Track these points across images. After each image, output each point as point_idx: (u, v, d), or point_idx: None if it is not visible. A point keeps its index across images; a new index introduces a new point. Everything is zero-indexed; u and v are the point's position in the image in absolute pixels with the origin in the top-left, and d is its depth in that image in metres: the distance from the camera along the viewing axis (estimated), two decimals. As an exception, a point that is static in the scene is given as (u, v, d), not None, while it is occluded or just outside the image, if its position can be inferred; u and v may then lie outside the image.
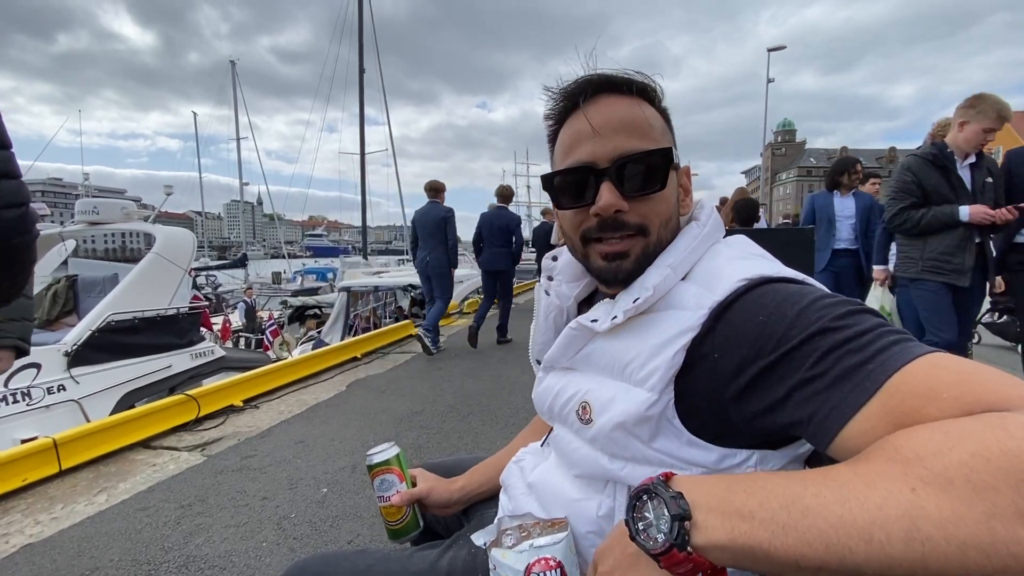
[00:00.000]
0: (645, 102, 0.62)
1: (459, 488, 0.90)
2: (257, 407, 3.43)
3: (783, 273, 0.54)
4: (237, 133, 26.34)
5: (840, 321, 0.45)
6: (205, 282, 16.73)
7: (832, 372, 0.42)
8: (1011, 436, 0.31)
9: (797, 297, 0.49)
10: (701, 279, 0.57)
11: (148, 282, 4.67)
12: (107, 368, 4.14)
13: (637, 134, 0.60)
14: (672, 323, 0.55)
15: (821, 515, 0.34)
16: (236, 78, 25.40)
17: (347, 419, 3.18)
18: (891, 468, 0.33)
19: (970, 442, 0.31)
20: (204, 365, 5.08)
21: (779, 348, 0.46)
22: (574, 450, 0.63)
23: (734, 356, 0.50)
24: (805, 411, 0.44)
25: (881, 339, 0.42)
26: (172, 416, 2.99)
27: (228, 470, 2.44)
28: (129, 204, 5.32)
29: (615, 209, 0.59)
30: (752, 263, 0.56)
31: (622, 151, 0.59)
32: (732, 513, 0.38)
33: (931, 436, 0.34)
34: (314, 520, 1.97)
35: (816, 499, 0.35)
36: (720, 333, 0.51)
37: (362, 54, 15.52)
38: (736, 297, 0.52)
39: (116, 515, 2.04)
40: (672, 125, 0.67)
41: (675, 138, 0.66)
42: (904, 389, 0.38)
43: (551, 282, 0.77)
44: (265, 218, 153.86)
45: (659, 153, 0.59)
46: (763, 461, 0.54)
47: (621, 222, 0.60)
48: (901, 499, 0.31)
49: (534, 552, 0.56)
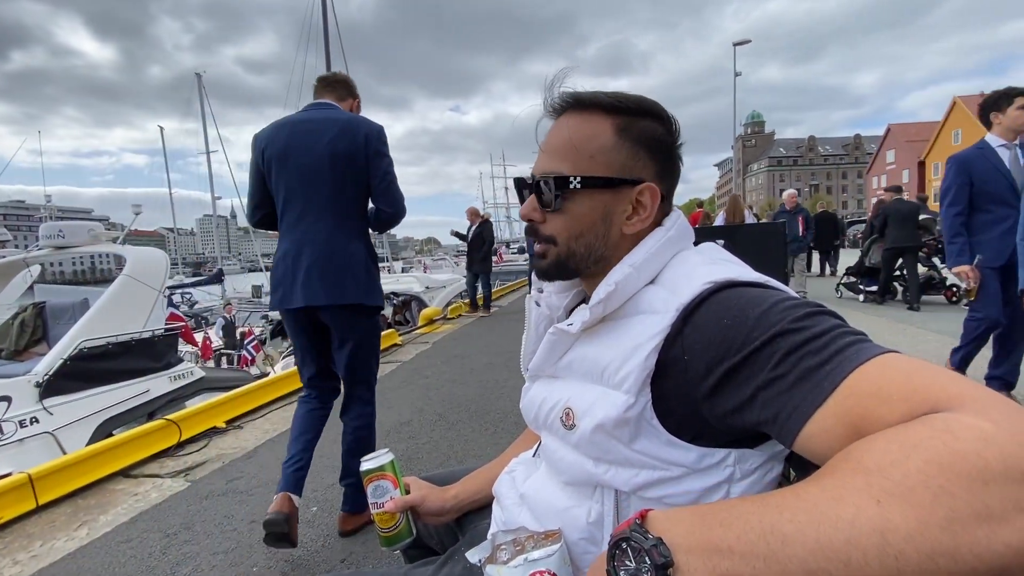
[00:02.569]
0: (603, 119, 0.65)
1: (453, 496, 0.90)
2: (241, 427, 3.37)
3: (747, 277, 0.56)
4: (207, 146, 25.78)
5: (800, 323, 0.47)
6: (181, 300, 16.33)
7: (793, 373, 0.45)
8: (957, 439, 0.32)
9: (759, 300, 0.51)
10: (669, 283, 0.60)
11: (120, 305, 4.54)
12: (81, 397, 4.01)
13: (560, 156, 0.66)
14: (643, 327, 0.57)
15: (799, 542, 0.34)
16: (203, 90, 24.88)
17: (335, 435, 3.12)
18: (855, 480, 0.35)
19: (923, 450, 0.33)
20: (184, 387, 4.95)
21: (743, 349, 0.48)
22: (560, 457, 0.64)
23: (703, 357, 0.52)
24: (770, 411, 0.46)
25: (838, 340, 0.45)
26: (152, 442, 2.92)
27: (214, 494, 2.39)
28: (96, 225, 5.16)
29: (528, 218, 0.69)
30: (718, 267, 0.58)
31: (542, 170, 0.67)
32: (712, 551, 0.38)
33: (887, 447, 0.35)
34: (305, 541, 1.94)
35: (792, 525, 0.35)
36: (688, 335, 0.54)
37: (329, 62, 15.36)
38: (702, 300, 0.54)
39: (98, 549, 1.98)
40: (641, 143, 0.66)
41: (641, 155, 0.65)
42: (858, 390, 0.41)
43: (541, 294, 0.79)
44: (240, 231, 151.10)
45: (562, 179, 0.65)
46: (741, 459, 0.56)
47: (535, 229, 0.70)
48: (869, 513, 0.32)
49: (529, 566, 0.57)
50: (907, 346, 4.24)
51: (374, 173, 1.80)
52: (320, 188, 1.75)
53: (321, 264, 1.74)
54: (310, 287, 1.73)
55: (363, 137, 1.77)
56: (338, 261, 1.76)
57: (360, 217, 1.86)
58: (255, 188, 1.84)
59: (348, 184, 1.78)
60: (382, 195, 1.84)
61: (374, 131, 1.80)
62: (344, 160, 1.75)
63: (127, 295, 4.63)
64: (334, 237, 1.76)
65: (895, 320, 5.56)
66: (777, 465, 0.59)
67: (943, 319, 5.39)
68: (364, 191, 1.84)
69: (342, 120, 1.79)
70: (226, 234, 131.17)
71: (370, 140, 1.78)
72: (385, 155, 1.83)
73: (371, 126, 1.81)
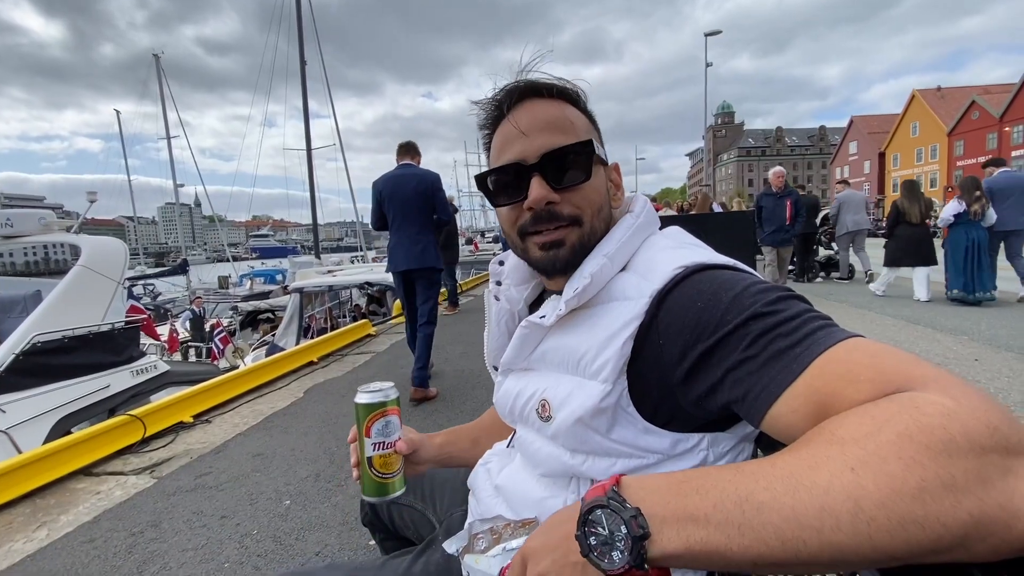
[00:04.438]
0: (568, 104, 0.67)
1: (439, 444, 0.86)
2: (209, 421, 3.28)
3: (718, 260, 0.57)
4: (167, 131, 24.55)
5: (772, 307, 0.48)
6: (143, 291, 15.71)
7: (763, 354, 0.46)
8: (923, 414, 0.34)
9: (732, 283, 0.52)
10: (640, 269, 0.60)
11: (76, 297, 4.32)
12: (36, 393, 3.82)
13: (560, 131, 0.63)
14: (617, 314, 0.57)
15: (774, 509, 0.35)
16: (162, 72, 23.62)
17: (307, 427, 3.09)
18: (830, 450, 0.36)
19: (894, 423, 0.34)
20: (147, 382, 4.77)
21: (717, 332, 0.49)
22: (537, 449, 0.64)
23: (677, 341, 0.52)
24: (740, 390, 0.47)
25: (808, 324, 0.46)
26: (115, 439, 2.81)
27: (181, 491, 2.32)
28: (47, 214, 4.89)
29: (546, 201, 0.62)
30: (688, 251, 0.59)
31: (548, 147, 0.62)
32: (687, 519, 0.38)
33: (860, 420, 0.36)
34: (278, 535, 1.91)
35: (768, 493, 0.36)
36: (663, 320, 0.54)
37: (302, 44, 14.85)
38: (675, 284, 0.55)
39: (59, 550, 1.91)
40: (598, 126, 0.71)
41: (601, 137, 0.70)
42: (827, 371, 0.42)
43: (500, 287, 0.78)
44: (205, 220, 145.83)
45: (582, 145, 0.63)
46: (714, 443, 0.57)
47: (554, 213, 0.63)
48: (844, 480, 0.33)
49: (507, 555, 0.57)
50: (866, 330, 4.42)
51: (436, 200, 3.50)
52: (409, 210, 3.43)
53: (409, 248, 3.42)
54: (411, 259, 3.41)
55: (429, 183, 3.47)
56: (421, 246, 3.43)
57: (429, 224, 3.51)
58: (376, 210, 3.53)
59: (423, 207, 3.46)
60: (440, 211, 3.55)
61: (433, 178, 3.51)
62: (420, 196, 3.44)
63: (83, 287, 4.41)
64: (418, 234, 3.44)
65: (855, 307, 5.79)
66: (748, 446, 0.60)
67: (897, 304, 5.66)
68: (431, 209, 3.50)
69: (419, 174, 3.49)
70: (190, 223, 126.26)
71: (432, 183, 3.49)
72: (439, 189, 3.53)
73: (432, 175, 3.51)
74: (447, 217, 3.67)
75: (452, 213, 3.72)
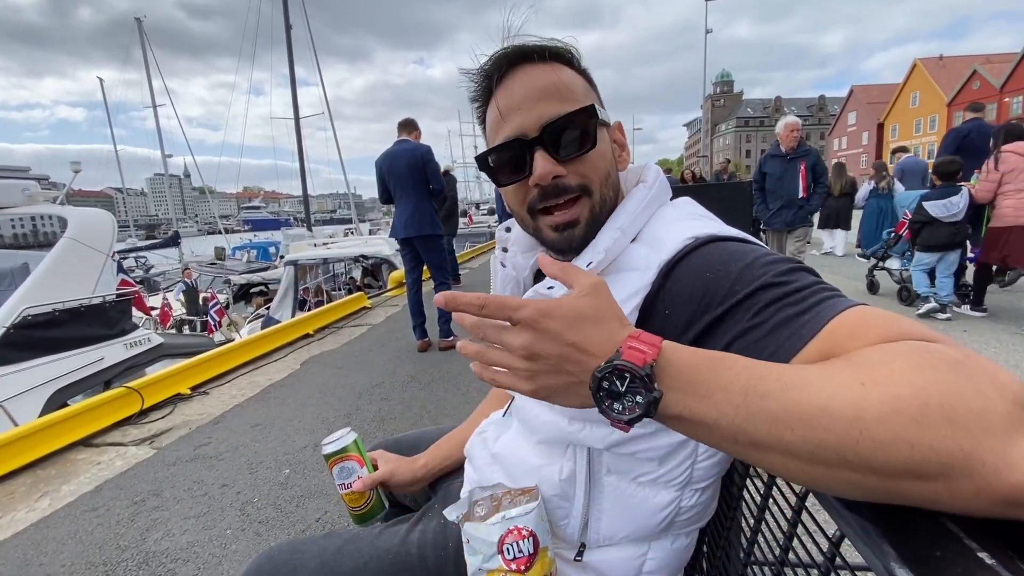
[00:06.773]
0: (562, 66, 0.63)
1: (422, 466, 0.90)
2: (207, 393, 3.30)
3: (728, 232, 0.56)
4: (153, 100, 23.72)
5: (782, 277, 0.47)
6: (135, 264, 15.54)
7: (771, 322, 0.45)
8: (933, 355, 0.35)
9: (741, 254, 0.51)
10: (650, 240, 0.59)
11: (65, 270, 4.26)
12: (29, 366, 3.81)
13: (558, 98, 0.60)
14: (625, 285, 0.56)
15: (776, 399, 0.36)
16: (145, 37, 22.67)
17: (304, 398, 3.12)
18: (845, 367, 0.37)
19: (905, 358, 0.35)
20: (142, 354, 4.77)
21: (725, 302, 0.48)
22: (535, 416, 0.64)
23: (683, 311, 0.51)
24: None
25: (817, 295, 0.45)
26: (113, 411, 2.83)
27: (181, 461, 2.35)
28: (32, 184, 4.78)
29: (552, 175, 0.59)
30: (698, 223, 0.58)
31: (547, 117, 0.59)
32: (690, 392, 0.40)
33: (873, 351, 0.37)
34: (278, 502, 1.94)
35: (777, 384, 0.37)
36: (670, 290, 0.53)
37: (287, 7, 14.30)
38: (684, 255, 0.54)
39: (63, 519, 1.94)
40: (595, 84, 0.67)
41: (600, 96, 0.67)
42: (837, 332, 0.41)
43: (506, 253, 0.76)
44: (195, 191, 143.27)
45: (584, 112, 0.60)
46: None
47: (562, 186, 0.60)
48: (852, 392, 0.34)
49: (506, 523, 0.58)
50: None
51: (427, 171, 3.78)
52: (405, 183, 3.76)
53: (408, 217, 3.77)
54: (408, 227, 3.77)
55: (419, 156, 3.75)
56: (418, 215, 3.77)
57: (426, 193, 3.83)
58: (381, 184, 3.86)
59: (418, 179, 3.77)
60: (432, 181, 3.83)
61: (423, 151, 3.79)
62: (414, 169, 3.75)
63: (71, 259, 4.35)
64: (416, 205, 3.78)
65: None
66: None
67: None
68: (426, 181, 3.80)
69: (410, 148, 3.78)
70: (180, 195, 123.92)
71: (423, 156, 3.76)
72: (430, 161, 3.79)
73: (422, 148, 3.80)
74: (439, 186, 3.91)
75: (443, 183, 3.97)
